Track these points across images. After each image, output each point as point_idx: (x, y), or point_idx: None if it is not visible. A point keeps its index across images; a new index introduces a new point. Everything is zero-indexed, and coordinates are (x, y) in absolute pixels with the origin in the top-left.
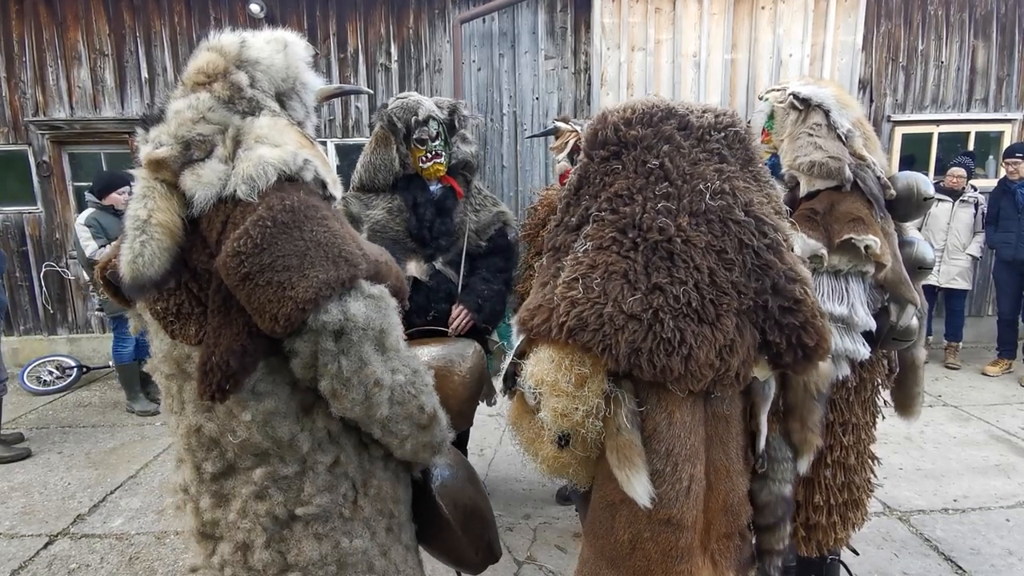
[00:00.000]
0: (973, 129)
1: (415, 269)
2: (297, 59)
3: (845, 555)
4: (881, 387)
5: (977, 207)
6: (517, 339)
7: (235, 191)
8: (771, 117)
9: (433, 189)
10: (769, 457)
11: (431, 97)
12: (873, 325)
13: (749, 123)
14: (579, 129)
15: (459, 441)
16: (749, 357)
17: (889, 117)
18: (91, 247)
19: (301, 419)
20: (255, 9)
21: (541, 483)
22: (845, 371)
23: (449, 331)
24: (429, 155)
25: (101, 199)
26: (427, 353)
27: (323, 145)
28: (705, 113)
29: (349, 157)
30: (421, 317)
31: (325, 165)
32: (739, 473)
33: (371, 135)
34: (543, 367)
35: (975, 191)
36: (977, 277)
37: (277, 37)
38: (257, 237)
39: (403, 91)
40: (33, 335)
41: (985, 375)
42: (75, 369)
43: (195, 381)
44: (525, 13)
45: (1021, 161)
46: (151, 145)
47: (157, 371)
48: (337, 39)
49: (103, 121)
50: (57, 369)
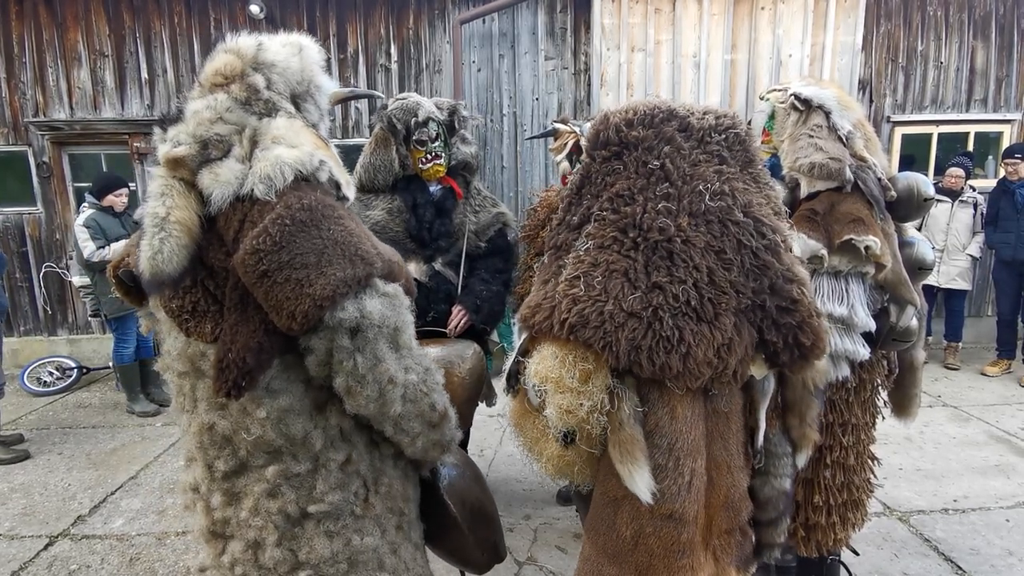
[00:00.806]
0: (972, 129)
1: (414, 270)
2: (312, 62)
3: (845, 555)
4: (881, 388)
5: (976, 207)
6: (519, 337)
7: (253, 190)
8: (772, 117)
9: (433, 190)
10: (768, 452)
11: (431, 98)
12: (873, 326)
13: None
14: (578, 130)
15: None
16: (747, 356)
17: (889, 118)
18: (89, 248)
19: (314, 416)
20: (255, 10)
21: (541, 484)
22: (845, 372)
23: (448, 332)
24: (429, 156)
25: (100, 200)
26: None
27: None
28: (706, 115)
29: (349, 157)
30: (420, 318)
31: (339, 166)
32: (739, 469)
33: (371, 136)
34: (547, 364)
35: (974, 191)
36: (976, 277)
37: (292, 41)
38: (276, 235)
39: (403, 92)
40: (33, 336)
41: (985, 375)
42: (75, 370)
43: (209, 379)
44: (525, 14)
45: (1020, 162)
46: (169, 144)
47: (169, 369)
48: (337, 40)
49: (103, 122)
50: (57, 370)
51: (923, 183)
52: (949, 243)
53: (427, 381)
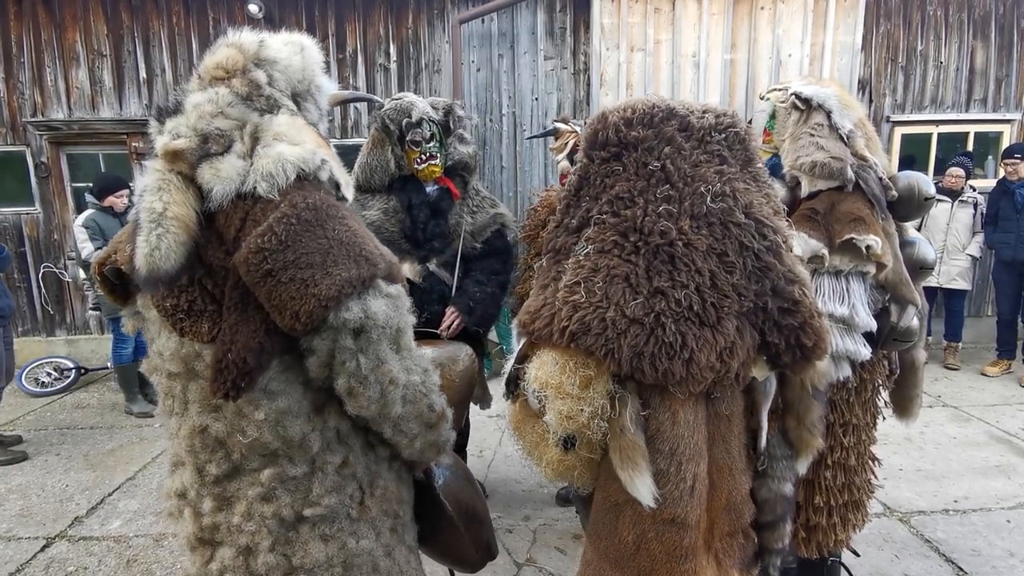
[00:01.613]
0: (972, 129)
1: (409, 270)
2: (313, 62)
3: (846, 556)
4: (882, 388)
5: (976, 207)
6: (518, 342)
7: (255, 187)
8: (773, 117)
9: (429, 190)
10: (769, 455)
11: (429, 97)
12: (874, 326)
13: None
14: (579, 130)
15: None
16: (749, 358)
17: (888, 117)
18: (88, 249)
19: (312, 419)
20: (254, 9)
21: (541, 485)
22: (846, 372)
23: (441, 333)
24: (423, 157)
25: (100, 200)
26: None
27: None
28: (706, 114)
29: (347, 158)
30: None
31: (340, 166)
32: (741, 471)
33: (368, 136)
34: (547, 370)
35: (974, 191)
36: (976, 278)
37: (294, 40)
38: (282, 234)
39: (402, 91)
40: (31, 336)
41: (985, 375)
42: (73, 370)
43: (203, 380)
44: (524, 13)
45: (1020, 162)
46: (168, 136)
47: (158, 371)
48: (336, 39)
49: (101, 122)
50: (55, 370)
51: (924, 182)
52: (949, 243)
53: (426, 382)
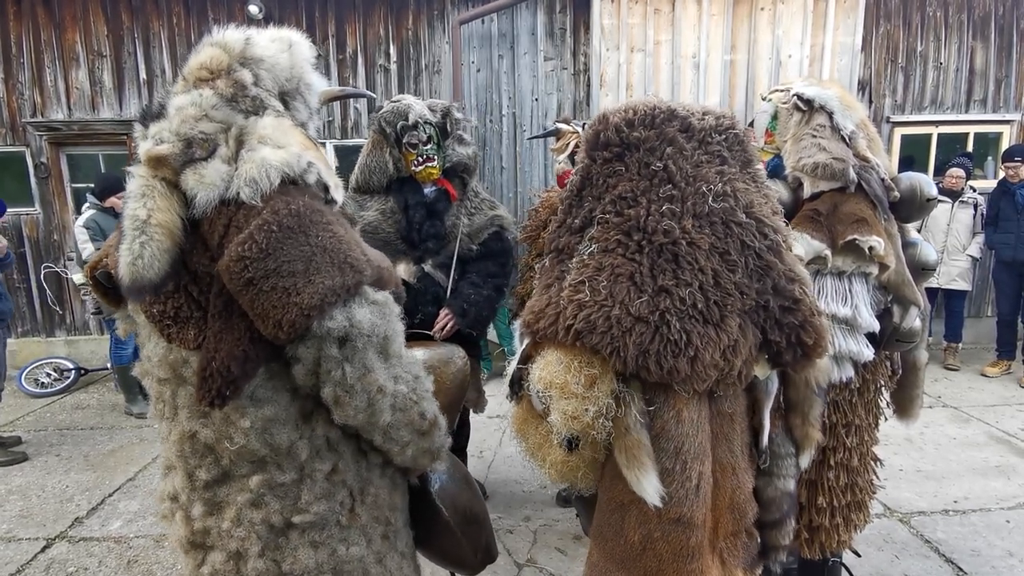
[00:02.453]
0: (972, 130)
1: (403, 271)
2: (302, 59)
3: (846, 557)
4: (884, 388)
5: (976, 208)
6: (521, 343)
7: (238, 193)
8: (775, 118)
9: (427, 191)
10: (772, 453)
11: (429, 99)
12: (877, 326)
13: (750, 125)
14: (580, 130)
15: (459, 444)
16: (751, 356)
17: (888, 118)
18: (88, 249)
19: (300, 426)
20: (254, 10)
21: (541, 485)
22: (848, 372)
23: (434, 335)
24: (421, 159)
25: (102, 201)
26: None
27: (322, 146)
28: (706, 116)
29: (348, 159)
30: (407, 320)
31: (328, 168)
32: (744, 470)
33: (368, 138)
34: (552, 370)
35: (974, 192)
36: (976, 278)
37: (282, 36)
38: (262, 242)
39: (402, 92)
40: (31, 337)
41: (984, 376)
42: (73, 371)
43: (191, 386)
44: (524, 14)
45: (1021, 164)
46: (151, 141)
47: (149, 375)
48: (336, 40)
49: (101, 122)
50: (55, 371)
51: (926, 183)
52: (949, 243)
53: (417, 389)
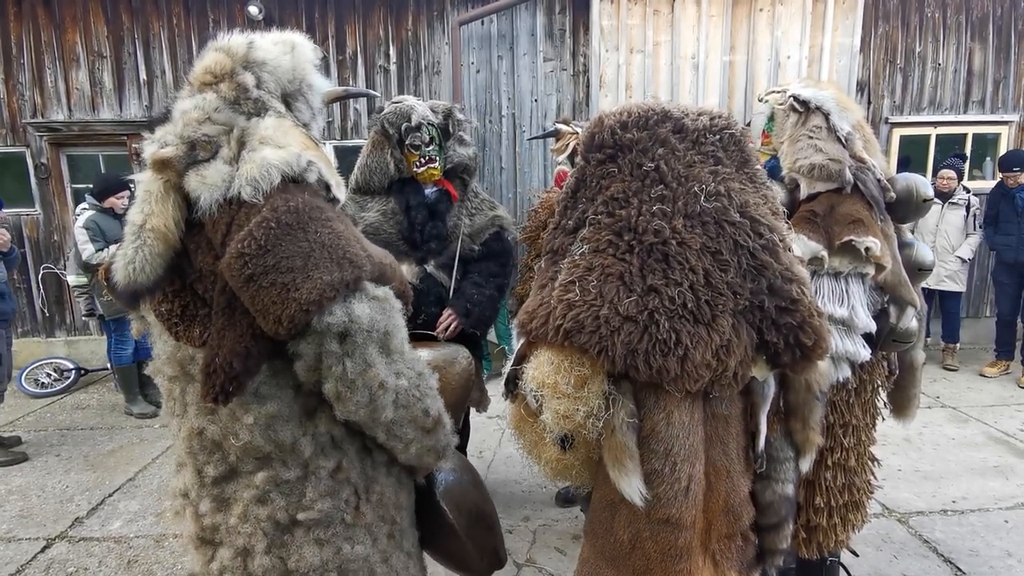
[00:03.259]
0: (970, 131)
1: (406, 272)
2: (304, 61)
3: (845, 557)
4: (881, 389)
5: (968, 209)
6: (518, 342)
7: (239, 193)
8: (771, 119)
9: (428, 192)
10: (771, 457)
11: (429, 99)
12: (873, 327)
13: (748, 125)
14: (580, 131)
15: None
16: (747, 357)
17: (887, 119)
18: (88, 250)
19: (304, 423)
20: (253, 11)
21: (541, 485)
22: (845, 373)
23: (437, 335)
24: (423, 160)
25: (100, 202)
26: None
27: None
28: (700, 116)
29: (347, 159)
30: (411, 320)
31: (329, 167)
32: (740, 474)
33: (368, 138)
34: (543, 370)
35: (967, 192)
36: (975, 278)
37: (285, 39)
38: (261, 239)
39: (401, 93)
40: (31, 337)
41: (983, 376)
42: (73, 371)
43: (198, 383)
44: (524, 15)
45: (1020, 173)
46: (156, 145)
47: (159, 373)
48: (336, 41)
49: (101, 123)
50: (55, 371)
51: (922, 184)
52: (939, 244)
53: (420, 386)
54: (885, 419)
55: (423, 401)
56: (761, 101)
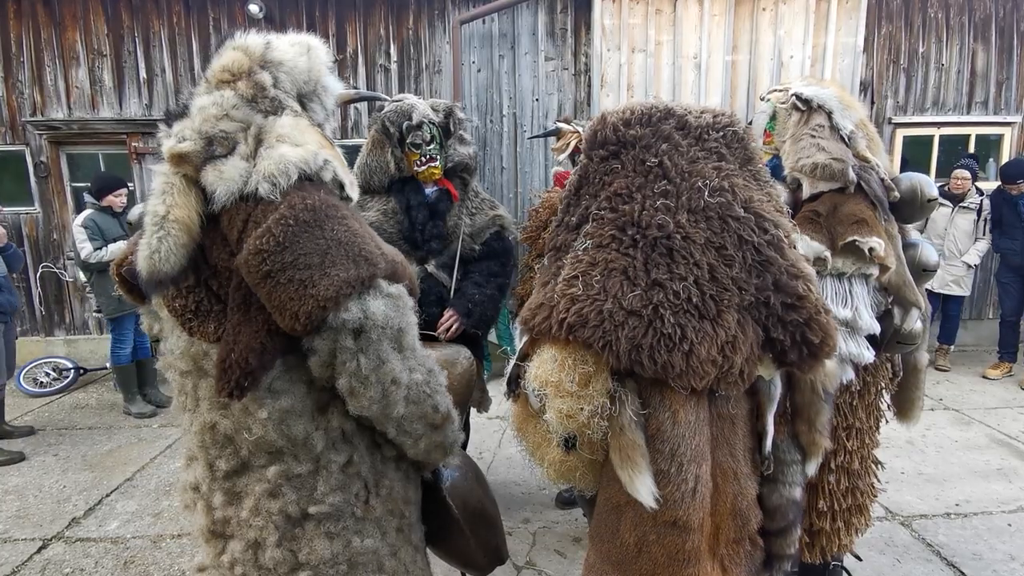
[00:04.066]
0: (973, 132)
1: None
2: (320, 63)
3: (848, 560)
4: (885, 391)
5: (980, 213)
6: (520, 340)
7: (257, 189)
8: (773, 118)
9: (428, 192)
10: (777, 460)
11: (429, 99)
12: (877, 328)
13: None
14: (581, 130)
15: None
16: (753, 354)
17: (890, 119)
18: (87, 249)
19: (316, 418)
20: (254, 10)
21: (540, 487)
22: (849, 375)
23: (438, 335)
24: (423, 159)
25: (99, 200)
26: None
27: None
28: (703, 113)
29: (348, 159)
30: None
31: (344, 166)
32: (747, 476)
33: (368, 137)
34: (546, 368)
35: (981, 195)
36: (977, 280)
37: (301, 41)
38: (280, 235)
39: (402, 92)
40: (30, 336)
41: (986, 378)
42: (72, 371)
43: (212, 378)
44: (525, 14)
45: (1022, 184)
46: (174, 139)
47: (172, 368)
48: (336, 40)
49: (101, 121)
50: (54, 371)
51: (927, 184)
52: (947, 248)
53: (430, 383)
54: (888, 421)
55: (433, 397)
56: (763, 100)
